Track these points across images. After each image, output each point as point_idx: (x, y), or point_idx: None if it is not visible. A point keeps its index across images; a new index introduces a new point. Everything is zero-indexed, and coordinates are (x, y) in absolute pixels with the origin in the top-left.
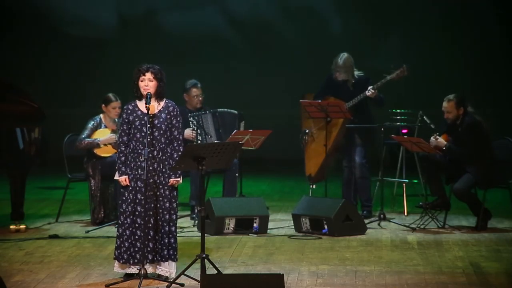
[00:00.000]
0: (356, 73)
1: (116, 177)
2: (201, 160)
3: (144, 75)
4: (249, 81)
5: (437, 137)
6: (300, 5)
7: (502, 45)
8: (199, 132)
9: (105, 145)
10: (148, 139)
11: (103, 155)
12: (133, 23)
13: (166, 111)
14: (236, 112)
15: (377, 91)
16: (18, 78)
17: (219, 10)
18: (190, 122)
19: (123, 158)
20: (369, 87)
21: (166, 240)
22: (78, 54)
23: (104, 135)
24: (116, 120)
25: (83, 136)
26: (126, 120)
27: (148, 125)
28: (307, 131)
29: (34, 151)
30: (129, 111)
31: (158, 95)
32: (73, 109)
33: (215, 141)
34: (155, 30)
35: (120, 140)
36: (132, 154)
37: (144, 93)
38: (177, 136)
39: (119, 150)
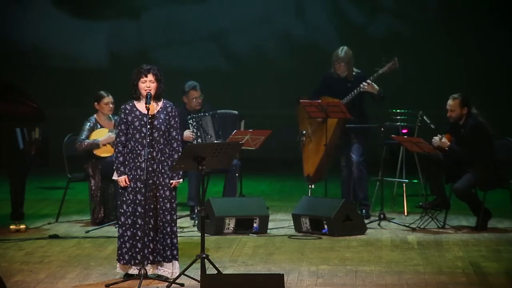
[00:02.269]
0: (354, 70)
1: (115, 177)
2: (201, 160)
3: (146, 76)
4: (249, 81)
5: (442, 137)
6: (303, 41)
7: (502, 45)
8: (198, 134)
9: (104, 145)
10: (148, 140)
11: (102, 155)
12: (124, 60)
13: (164, 112)
14: (236, 112)
15: (375, 85)
16: None
17: (217, 46)
18: (190, 125)
19: (121, 158)
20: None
21: (169, 241)
22: (67, 86)
23: (102, 135)
24: (111, 116)
25: (82, 138)
26: (125, 120)
27: (148, 126)
28: (304, 132)
29: (34, 151)
30: (127, 111)
31: (157, 96)
32: (73, 109)
33: (215, 141)
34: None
35: (118, 140)
36: (130, 155)
37: (145, 94)
38: (176, 136)
39: (116, 150)
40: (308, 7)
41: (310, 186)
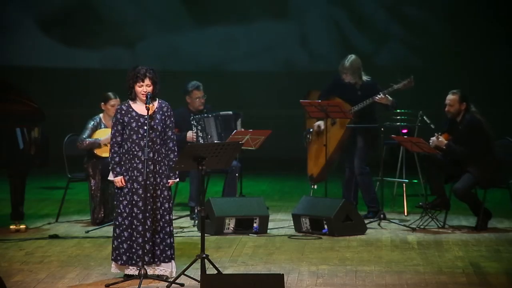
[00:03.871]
0: (364, 77)
1: (111, 177)
2: (201, 160)
3: (143, 81)
4: (249, 81)
5: (439, 136)
6: (307, 69)
7: (502, 45)
8: (201, 135)
9: (105, 145)
10: (146, 140)
11: (103, 155)
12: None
13: (160, 112)
14: (231, 112)
15: (389, 97)
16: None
17: (217, 76)
18: (193, 126)
19: (117, 159)
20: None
21: (169, 241)
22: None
23: (104, 135)
24: None
25: (84, 136)
26: (121, 121)
27: (148, 126)
28: (310, 130)
29: (34, 151)
30: (123, 112)
31: (153, 97)
32: (73, 109)
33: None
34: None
35: (114, 140)
36: (127, 156)
37: (142, 97)
38: (172, 136)
39: (112, 150)
40: (312, 36)
41: (312, 186)
